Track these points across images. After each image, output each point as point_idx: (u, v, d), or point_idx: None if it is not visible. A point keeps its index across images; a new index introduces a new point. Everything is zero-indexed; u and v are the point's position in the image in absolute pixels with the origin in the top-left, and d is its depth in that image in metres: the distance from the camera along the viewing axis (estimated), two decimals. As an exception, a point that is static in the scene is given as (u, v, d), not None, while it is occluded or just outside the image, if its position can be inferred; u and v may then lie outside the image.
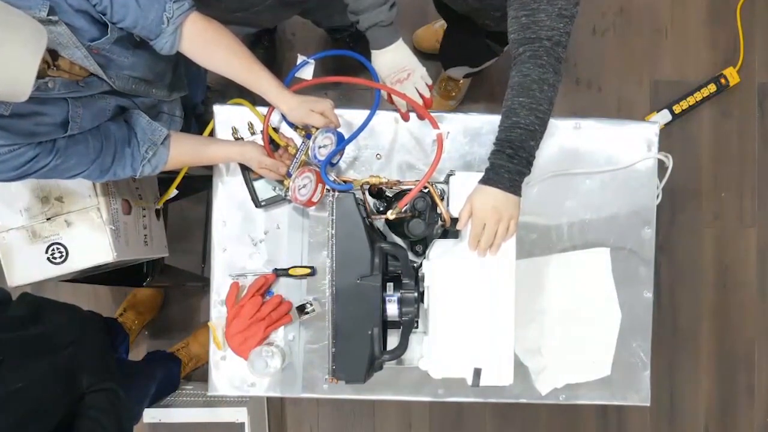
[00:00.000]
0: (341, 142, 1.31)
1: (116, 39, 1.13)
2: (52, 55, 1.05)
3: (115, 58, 1.16)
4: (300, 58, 1.39)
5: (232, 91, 1.44)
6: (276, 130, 1.36)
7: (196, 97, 1.79)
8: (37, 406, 1.21)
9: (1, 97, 0.90)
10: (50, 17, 0.99)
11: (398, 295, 1.21)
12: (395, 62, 1.30)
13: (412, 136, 1.42)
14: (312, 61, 1.39)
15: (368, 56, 1.33)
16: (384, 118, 1.42)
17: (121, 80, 1.21)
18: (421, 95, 1.32)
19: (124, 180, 1.52)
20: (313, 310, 1.36)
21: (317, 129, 1.29)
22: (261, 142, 1.36)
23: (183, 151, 1.31)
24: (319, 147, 1.28)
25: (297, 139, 1.34)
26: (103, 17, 1.10)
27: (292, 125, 1.36)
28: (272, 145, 1.34)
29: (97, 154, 1.20)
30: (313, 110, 1.25)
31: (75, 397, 1.31)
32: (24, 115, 1.05)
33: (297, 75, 1.38)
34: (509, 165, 1.13)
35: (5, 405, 1.16)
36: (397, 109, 1.38)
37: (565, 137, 1.43)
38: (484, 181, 1.16)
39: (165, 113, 1.44)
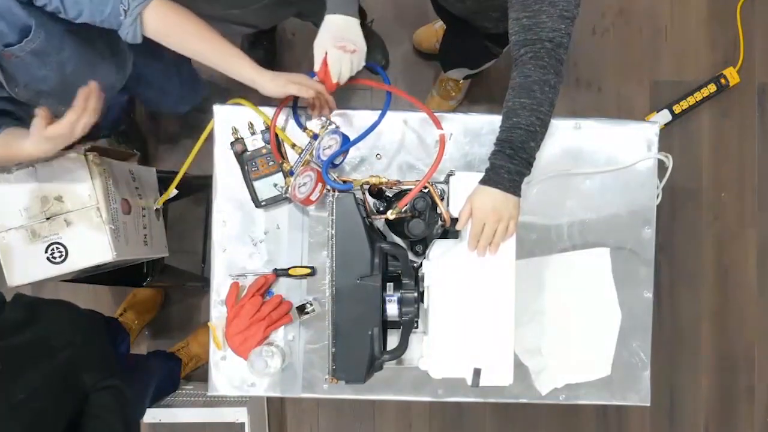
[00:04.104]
0: (346, 144, 1.31)
1: (33, 49, 1.11)
2: None
3: (28, 68, 1.15)
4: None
5: (235, 93, 1.43)
6: (282, 129, 1.37)
7: (177, 107, 1.79)
8: (41, 417, 1.21)
9: None
10: None
11: (398, 295, 1.21)
12: (347, 29, 1.26)
13: (414, 136, 1.42)
14: None
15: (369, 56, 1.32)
16: (385, 119, 1.41)
17: (29, 92, 1.19)
18: (327, 77, 1.27)
19: (123, 179, 1.52)
20: (313, 310, 1.36)
21: (324, 129, 1.29)
22: (244, 145, 1.36)
23: (4, 149, 1.20)
24: (324, 148, 1.29)
25: (304, 139, 1.35)
26: (58, 14, 1.10)
27: (300, 126, 1.36)
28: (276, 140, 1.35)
29: None
30: (291, 81, 1.24)
31: (78, 396, 1.30)
32: None
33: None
34: (509, 165, 1.13)
35: (9, 421, 1.16)
36: (318, 76, 1.29)
37: (566, 137, 1.43)
38: (483, 181, 1.16)
39: None
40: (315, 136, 1.32)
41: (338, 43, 1.24)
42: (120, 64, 1.46)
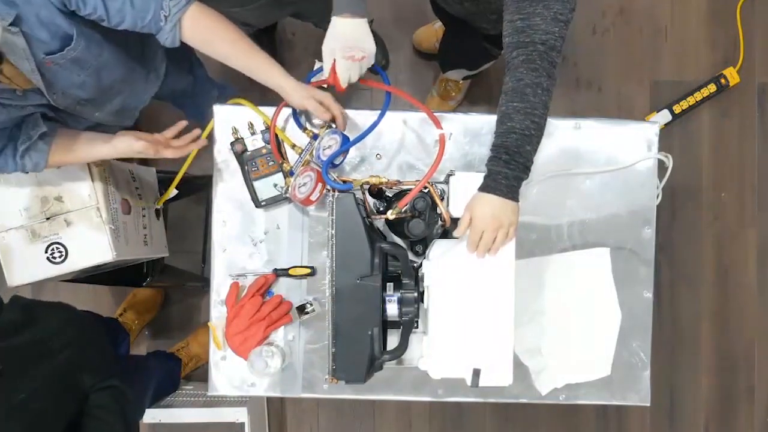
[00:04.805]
0: (346, 144, 1.31)
1: (73, 57, 1.13)
2: None
3: (67, 74, 1.16)
4: (317, 64, 1.38)
5: (255, 95, 1.43)
6: (282, 130, 1.37)
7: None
8: (41, 417, 1.21)
9: None
10: (10, 27, 0.99)
11: (398, 295, 1.21)
12: (355, 36, 1.23)
13: (413, 136, 1.42)
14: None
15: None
16: (385, 119, 1.41)
17: (67, 98, 1.21)
18: (336, 82, 1.26)
19: (123, 179, 1.52)
20: (313, 310, 1.36)
21: (324, 129, 1.29)
22: (244, 145, 1.36)
23: (66, 151, 1.27)
24: (324, 148, 1.29)
25: (304, 139, 1.35)
26: (101, 22, 1.12)
27: (300, 126, 1.36)
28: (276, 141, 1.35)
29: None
30: (313, 96, 1.25)
31: (78, 397, 1.30)
32: None
33: (313, 80, 1.35)
34: (506, 171, 1.13)
35: (9, 422, 1.16)
36: (328, 82, 1.28)
37: (565, 137, 1.43)
38: (482, 188, 1.16)
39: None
40: (315, 136, 1.32)
41: (347, 53, 1.23)
42: (152, 68, 1.47)
